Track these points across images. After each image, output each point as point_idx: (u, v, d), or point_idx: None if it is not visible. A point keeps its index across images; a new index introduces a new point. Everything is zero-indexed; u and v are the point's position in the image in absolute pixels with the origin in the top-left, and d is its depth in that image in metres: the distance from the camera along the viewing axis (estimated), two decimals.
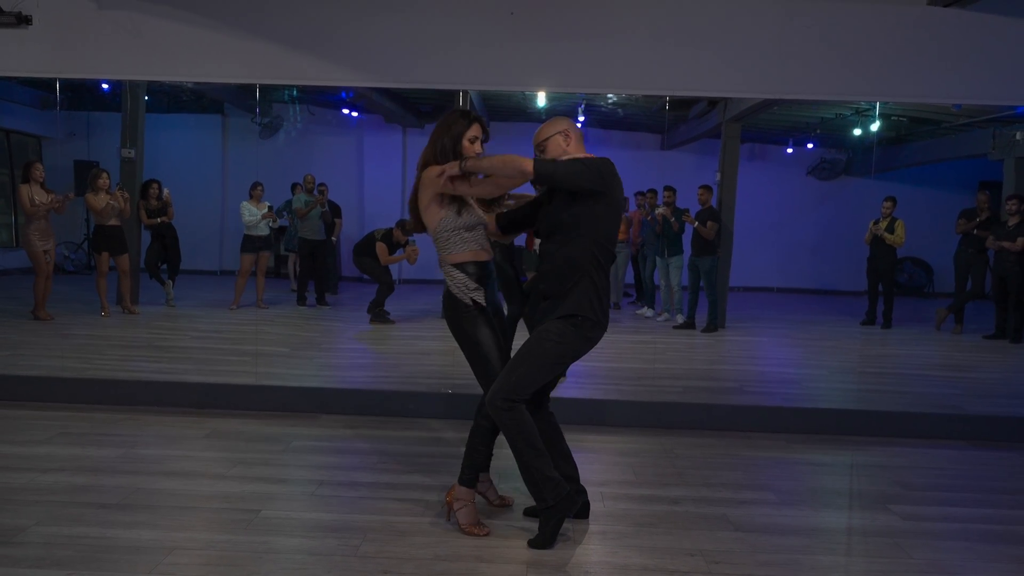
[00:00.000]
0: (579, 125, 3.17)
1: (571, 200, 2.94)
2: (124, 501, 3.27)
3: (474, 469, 3.08)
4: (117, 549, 2.82)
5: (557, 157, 3.01)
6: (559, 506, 2.93)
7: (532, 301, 3.15)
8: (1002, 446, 4.58)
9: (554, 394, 5.14)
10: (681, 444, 4.40)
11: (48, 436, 4.15)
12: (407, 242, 8.23)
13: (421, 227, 3.14)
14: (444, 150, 3.00)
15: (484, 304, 3.05)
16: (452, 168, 2.95)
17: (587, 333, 2.95)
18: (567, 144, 3.03)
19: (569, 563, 2.83)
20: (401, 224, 8.34)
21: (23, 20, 4.61)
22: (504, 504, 3.32)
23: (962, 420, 4.84)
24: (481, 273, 3.06)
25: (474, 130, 3.03)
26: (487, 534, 3.01)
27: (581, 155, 3.01)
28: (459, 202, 3.05)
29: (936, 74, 4.55)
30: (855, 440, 4.60)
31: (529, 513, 3.20)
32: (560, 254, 2.96)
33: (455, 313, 3.05)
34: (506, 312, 6.20)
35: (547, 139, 3.04)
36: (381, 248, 8.20)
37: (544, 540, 2.94)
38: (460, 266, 3.04)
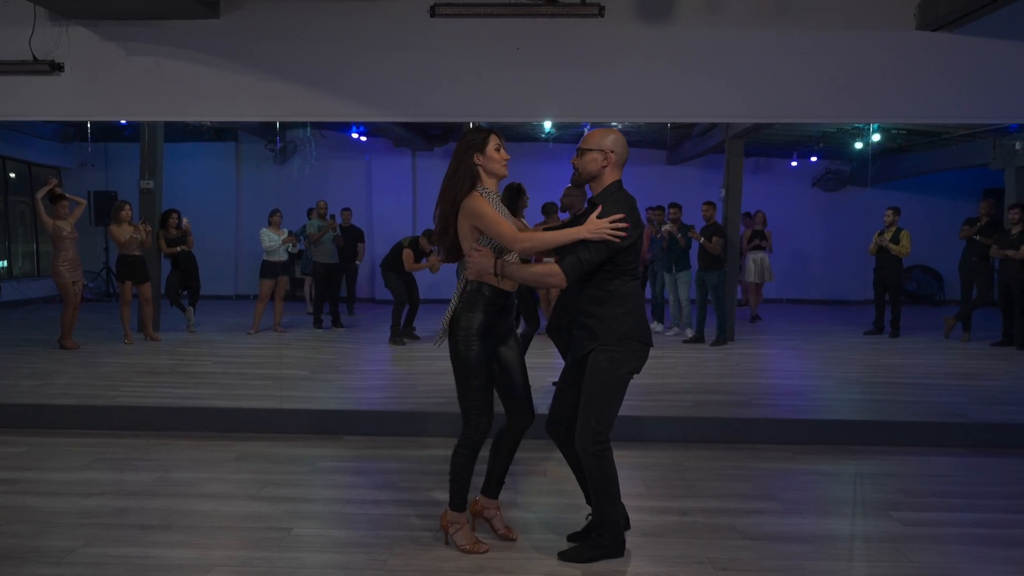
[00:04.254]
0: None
1: None
2: (164, 522, 3.47)
3: (462, 495, 3.16)
4: (162, 567, 3.01)
5: (590, 172, 3.03)
6: (610, 546, 3.09)
7: (559, 324, 3.26)
8: (1005, 452, 4.71)
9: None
10: (691, 457, 4.55)
11: (86, 462, 4.37)
12: (431, 251, 8.43)
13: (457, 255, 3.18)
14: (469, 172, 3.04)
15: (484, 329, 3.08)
16: (486, 268, 2.99)
17: (635, 346, 3.03)
18: (604, 164, 3.02)
19: (584, 573, 3.00)
20: (428, 233, 8.55)
21: (56, 67, 4.88)
22: (508, 537, 3.27)
23: (966, 428, 4.97)
24: (494, 297, 3.08)
25: (494, 140, 3.07)
26: (487, 550, 3.13)
27: (616, 187, 3.03)
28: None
29: (926, 95, 4.74)
30: (861, 450, 4.74)
31: (573, 539, 3.27)
32: (587, 287, 3.03)
33: (455, 333, 3.09)
34: (521, 330, 6.40)
35: (588, 151, 3.03)
36: (408, 255, 8.36)
37: (578, 558, 3.07)
38: (481, 285, 3.06)
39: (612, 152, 3.03)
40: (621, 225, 2.88)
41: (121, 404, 5.34)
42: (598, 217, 2.91)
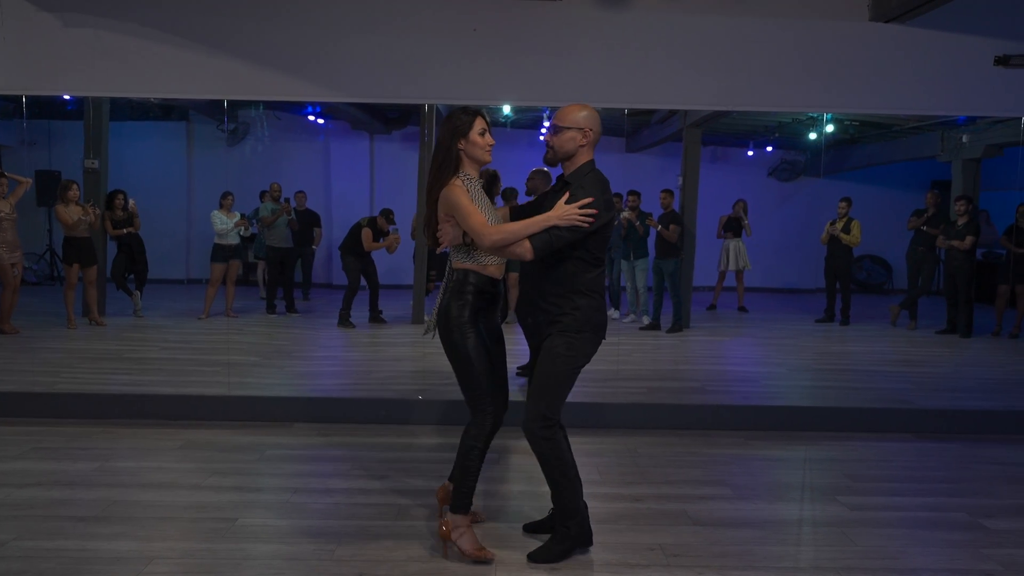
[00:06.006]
0: (542, 134, 3.13)
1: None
2: (102, 513, 3.34)
3: (470, 495, 2.98)
4: (98, 560, 2.90)
5: (567, 152, 2.92)
6: (577, 537, 3.00)
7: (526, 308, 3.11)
8: (947, 438, 4.83)
9: (521, 398, 5.28)
10: (644, 444, 4.57)
11: (22, 451, 4.19)
12: (388, 231, 8.42)
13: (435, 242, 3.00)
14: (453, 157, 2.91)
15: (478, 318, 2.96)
16: (457, 237, 2.87)
17: (590, 335, 2.95)
18: (582, 142, 2.92)
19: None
20: (385, 212, 8.53)
21: None
22: (476, 520, 3.24)
23: (910, 414, 5.08)
24: (481, 285, 2.97)
25: (480, 123, 2.92)
26: (493, 556, 2.96)
27: (589, 167, 2.95)
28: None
29: (878, 86, 4.79)
30: (811, 436, 4.82)
31: (529, 529, 3.22)
32: (551, 274, 2.92)
33: (448, 324, 2.94)
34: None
35: (565, 129, 2.91)
36: (366, 234, 8.38)
37: (548, 556, 2.96)
38: (467, 272, 2.95)
39: (590, 130, 2.92)
40: (590, 211, 2.79)
41: (61, 391, 5.15)
42: (567, 203, 2.80)
